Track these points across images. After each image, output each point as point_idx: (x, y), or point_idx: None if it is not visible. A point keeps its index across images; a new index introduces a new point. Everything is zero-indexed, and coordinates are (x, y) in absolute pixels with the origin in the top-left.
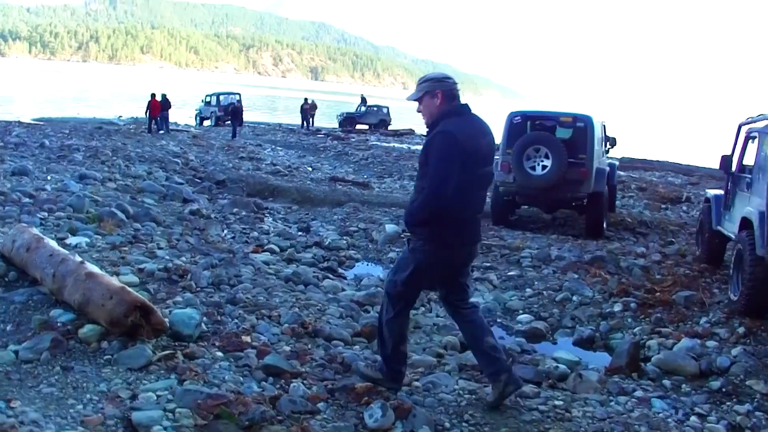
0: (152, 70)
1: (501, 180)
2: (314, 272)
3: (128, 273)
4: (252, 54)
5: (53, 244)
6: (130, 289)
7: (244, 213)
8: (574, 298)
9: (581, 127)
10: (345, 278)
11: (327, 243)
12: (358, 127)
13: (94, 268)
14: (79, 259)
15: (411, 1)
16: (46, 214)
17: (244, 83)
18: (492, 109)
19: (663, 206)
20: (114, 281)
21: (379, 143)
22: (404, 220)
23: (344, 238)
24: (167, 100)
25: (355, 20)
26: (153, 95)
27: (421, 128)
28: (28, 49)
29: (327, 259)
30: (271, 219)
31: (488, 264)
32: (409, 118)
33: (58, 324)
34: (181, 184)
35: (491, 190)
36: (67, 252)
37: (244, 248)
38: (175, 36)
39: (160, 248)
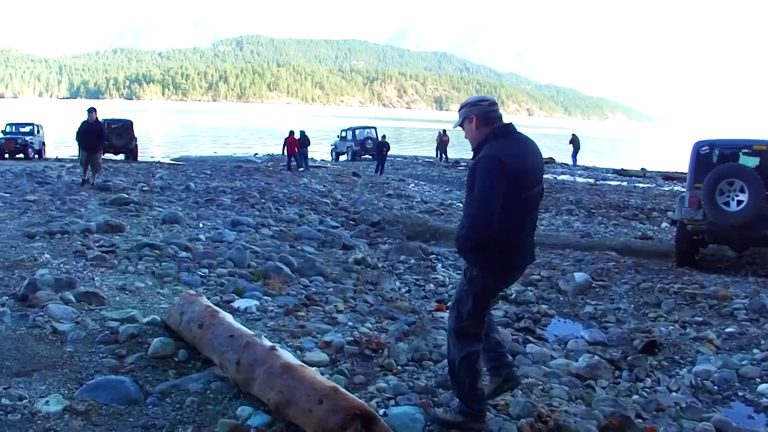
0: (280, 106)
1: (689, 217)
2: (513, 334)
3: (313, 347)
4: (376, 86)
5: (230, 318)
6: (344, 391)
7: (412, 261)
8: None
9: None
10: (547, 341)
11: (512, 296)
12: None
13: (289, 357)
14: (268, 343)
15: (531, 27)
16: (206, 270)
17: (370, 116)
18: (620, 130)
19: None
20: (320, 379)
21: None
22: (456, 247)
23: (528, 288)
24: (306, 136)
25: (476, 49)
26: (291, 132)
27: (559, 156)
28: (161, 92)
29: (520, 317)
30: (440, 266)
31: (699, 318)
32: (547, 145)
33: (252, 430)
34: (336, 227)
35: (676, 229)
36: (250, 332)
37: (426, 306)
38: (301, 72)
39: (338, 311)
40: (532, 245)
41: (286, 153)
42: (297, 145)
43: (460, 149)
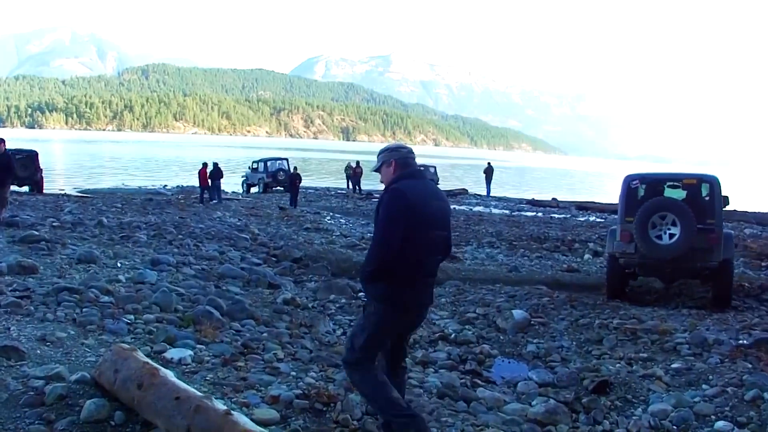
0: (186, 136)
1: (621, 251)
2: (460, 377)
3: (260, 403)
4: (283, 117)
5: (172, 377)
6: None
7: (343, 300)
8: (765, 395)
9: (707, 188)
10: (495, 383)
11: (452, 336)
12: None
13: (247, 423)
14: (221, 407)
15: (436, 60)
16: (131, 317)
17: (277, 146)
18: (526, 160)
19: (763, 264)
20: None
21: None
22: (360, 279)
23: (466, 327)
24: (219, 168)
25: (383, 80)
26: (204, 164)
27: (474, 188)
28: (64, 120)
29: (464, 359)
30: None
31: (644, 355)
32: (456, 176)
33: None
34: (259, 264)
35: (607, 262)
36: (198, 394)
37: None
38: (207, 102)
39: (279, 359)
40: (431, 288)
41: (200, 185)
42: (208, 177)
43: (374, 181)
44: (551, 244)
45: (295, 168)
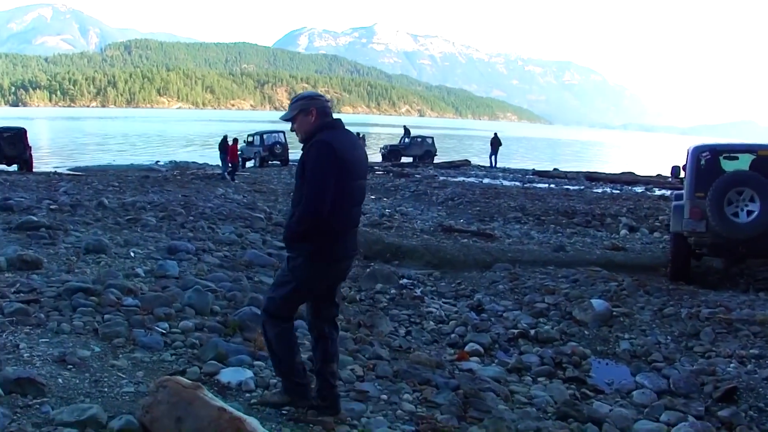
0: (170, 111)
1: (690, 229)
2: (568, 388)
3: None
4: (267, 90)
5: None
6: None
7: (393, 290)
8: None
9: None
10: (603, 392)
11: (532, 333)
12: (403, 159)
13: None
14: None
15: (420, 30)
16: (165, 324)
17: (262, 119)
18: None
19: None
20: None
21: (450, 178)
22: (284, 237)
23: (541, 321)
24: (227, 142)
25: (366, 52)
26: (235, 140)
27: (478, 159)
28: (48, 98)
29: (558, 362)
30: (420, 293)
31: (755, 351)
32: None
33: None
34: (283, 248)
35: (672, 241)
36: None
37: (443, 354)
38: (191, 76)
39: (359, 377)
40: (355, 237)
41: (229, 161)
42: (236, 151)
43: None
44: (581, 218)
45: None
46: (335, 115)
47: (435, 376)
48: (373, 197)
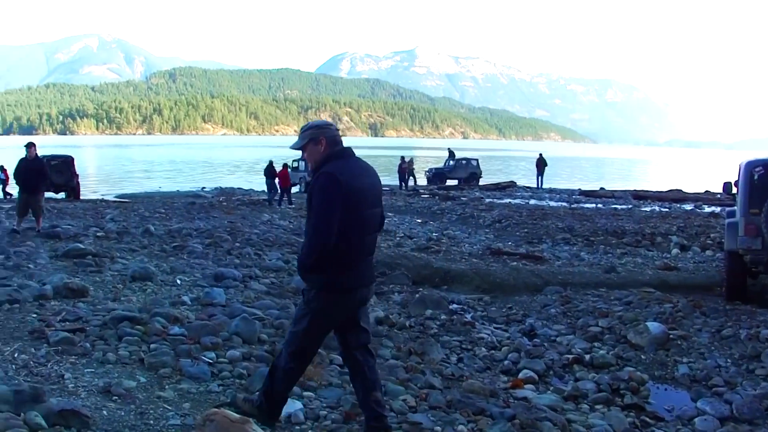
0: (215, 137)
1: (745, 247)
2: (627, 416)
3: None
4: (311, 115)
5: None
6: None
7: (443, 316)
8: None
9: None
10: (664, 419)
11: (588, 358)
12: (448, 182)
13: None
14: None
15: (461, 52)
16: (212, 354)
17: None
18: (557, 150)
19: None
20: None
21: (496, 200)
22: (298, 269)
23: (596, 345)
24: (273, 167)
25: (409, 75)
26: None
27: (526, 180)
28: (95, 126)
29: (616, 389)
30: (471, 319)
31: None
32: (496, 168)
33: None
34: None
35: (726, 260)
36: None
37: (497, 382)
38: (235, 103)
39: (411, 408)
40: (370, 267)
41: (280, 186)
42: (288, 177)
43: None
44: (631, 238)
45: None
46: (375, 140)
47: (489, 406)
48: (419, 221)
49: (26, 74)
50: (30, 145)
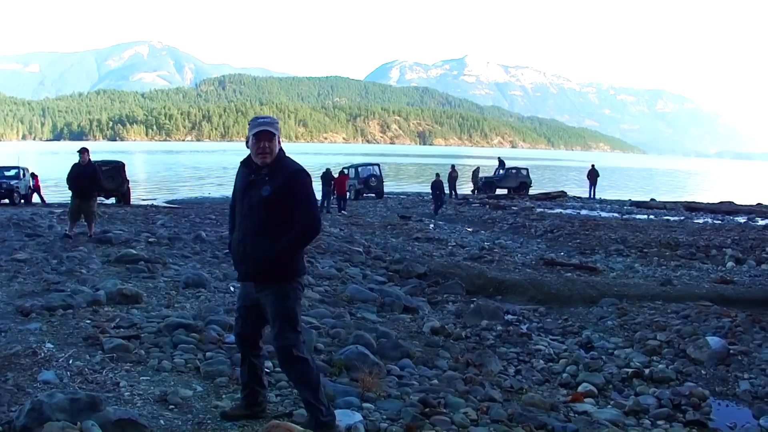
0: None
1: None
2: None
3: None
4: (359, 123)
5: None
6: None
7: (499, 327)
8: None
9: None
10: None
11: (647, 372)
12: (498, 191)
13: None
14: None
15: (510, 61)
16: (270, 364)
17: (354, 152)
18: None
19: None
20: None
21: (547, 210)
22: (264, 268)
23: (654, 359)
24: (332, 174)
25: (458, 83)
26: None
27: (578, 190)
28: (145, 132)
29: (677, 404)
30: (526, 330)
31: None
32: (546, 178)
33: None
34: (384, 282)
35: None
36: None
37: (556, 395)
38: (284, 110)
39: (473, 421)
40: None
41: (337, 192)
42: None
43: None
44: (685, 250)
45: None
46: (423, 148)
47: (551, 420)
48: (470, 230)
49: (77, 81)
50: (83, 151)
